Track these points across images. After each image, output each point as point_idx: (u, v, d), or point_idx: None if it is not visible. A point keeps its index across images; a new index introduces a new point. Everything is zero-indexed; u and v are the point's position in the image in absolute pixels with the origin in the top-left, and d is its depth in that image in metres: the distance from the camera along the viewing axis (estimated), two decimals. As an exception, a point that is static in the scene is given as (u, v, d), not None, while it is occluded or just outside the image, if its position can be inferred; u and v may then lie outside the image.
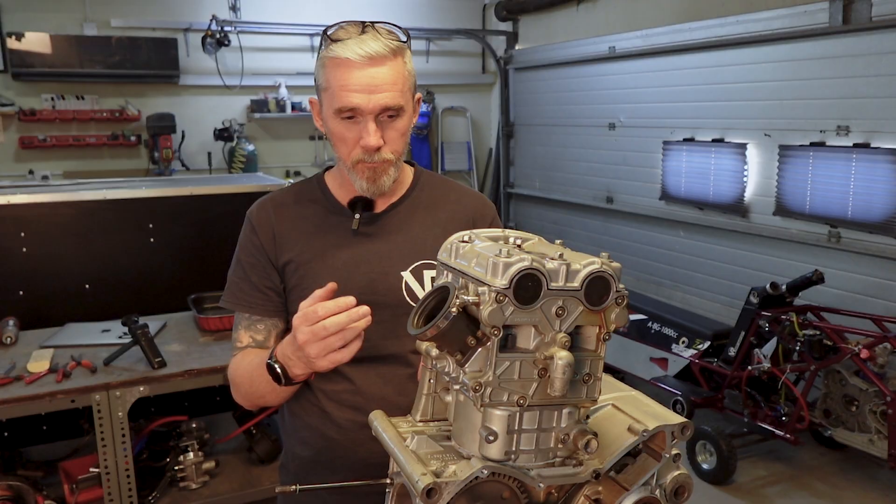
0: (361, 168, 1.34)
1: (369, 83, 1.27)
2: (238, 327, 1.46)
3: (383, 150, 1.33)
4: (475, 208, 1.51)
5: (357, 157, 1.33)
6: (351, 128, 1.32)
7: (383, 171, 1.35)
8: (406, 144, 1.39)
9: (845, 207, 3.96)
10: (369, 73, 1.27)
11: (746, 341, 3.74)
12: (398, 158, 1.37)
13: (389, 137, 1.33)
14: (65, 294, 2.94)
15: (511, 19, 6.90)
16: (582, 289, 0.81)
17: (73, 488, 2.44)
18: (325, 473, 1.43)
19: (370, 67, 1.27)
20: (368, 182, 1.35)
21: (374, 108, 1.28)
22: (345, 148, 1.34)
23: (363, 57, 1.26)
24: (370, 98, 1.27)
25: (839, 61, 3.94)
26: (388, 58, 1.29)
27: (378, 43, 1.28)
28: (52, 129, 5.72)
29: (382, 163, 1.34)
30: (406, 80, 1.33)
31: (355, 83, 1.27)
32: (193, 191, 3.15)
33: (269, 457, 2.75)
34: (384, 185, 1.36)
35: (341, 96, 1.29)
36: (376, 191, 1.37)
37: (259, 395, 1.37)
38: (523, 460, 0.85)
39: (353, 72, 1.27)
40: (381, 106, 1.29)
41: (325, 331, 1.10)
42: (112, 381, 2.27)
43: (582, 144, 6.03)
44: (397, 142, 1.35)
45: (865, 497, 3.51)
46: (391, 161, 1.35)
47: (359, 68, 1.27)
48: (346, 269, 1.39)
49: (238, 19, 6.08)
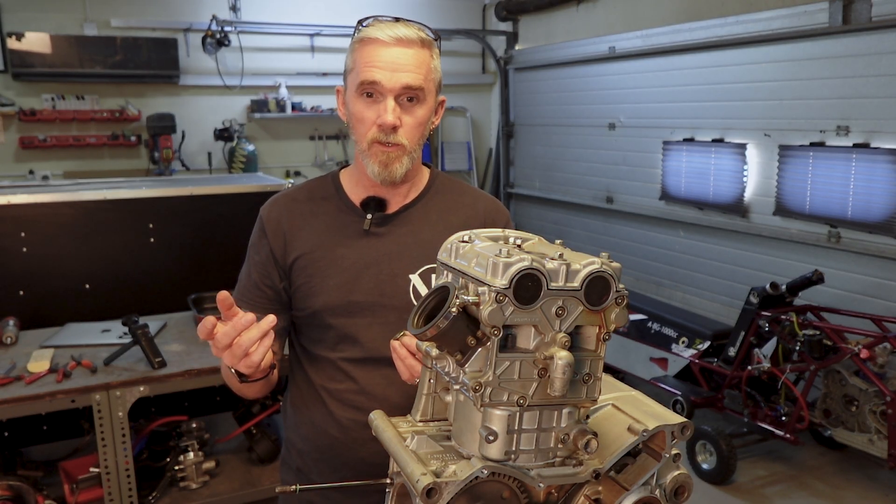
0: (376, 150, 1.34)
1: (394, 61, 1.30)
2: None
3: (399, 133, 1.33)
4: (488, 213, 1.50)
5: (373, 137, 1.34)
6: (370, 106, 1.33)
7: (396, 158, 1.35)
8: (422, 138, 1.38)
9: (845, 207, 3.96)
10: (395, 52, 1.30)
11: (746, 341, 3.74)
12: (412, 149, 1.36)
13: (406, 123, 1.33)
14: (65, 294, 2.94)
15: (511, 19, 6.90)
16: (582, 289, 0.81)
17: (74, 488, 2.44)
18: (326, 471, 1.44)
19: (397, 47, 1.30)
20: (381, 167, 1.35)
21: (395, 85, 1.30)
22: (362, 128, 1.35)
23: (392, 38, 1.30)
24: (392, 75, 1.30)
25: (839, 61, 3.94)
26: (416, 44, 1.32)
27: (409, 30, 1.32)
28: (53, 129, 5.72)
29: (396, 147, 1.34)
30: (430, 72, 1.35)
31: (380, 60, 1.30)
32: (193, 191, 3.16)
33: (269, 457, 2.75)
34: (396, 173, 1.36)
35: (365, 71, 1.31)
36: (388, 177, 1.36)
37: (236, 388, 1.38)
38: (523, 460, 0.85)
39: (379, 50, 1.31)
40: (402, 84, 1.30)
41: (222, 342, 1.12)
42: (112, 381, 2.27)
43: (582, 144, 6.03)
44: (413, 130, 1.35)
45: (865, 497, 3.51)
46: (405, 148, 1.35)
47: (385, 47, 1.30)
48: (355, 269, 1.39)
49: (238, 19, 6.08)
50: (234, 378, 1.27)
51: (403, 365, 1.17)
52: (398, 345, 1.17)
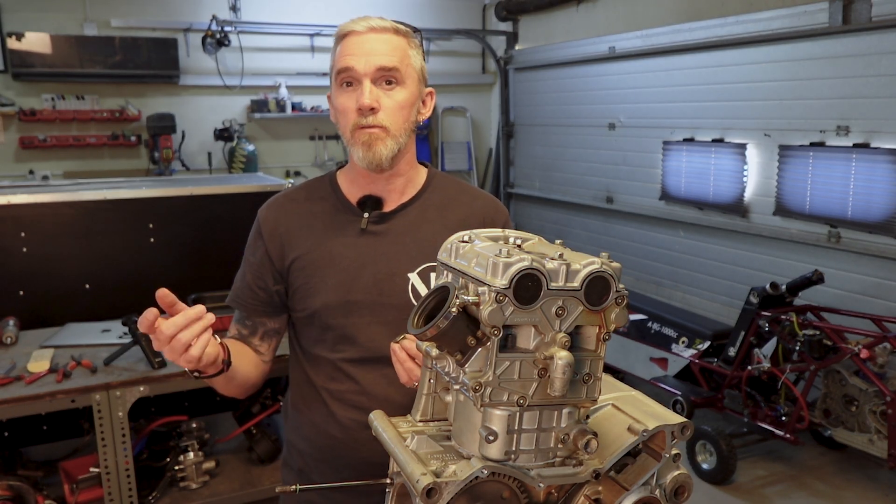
0: (358, 135, 1.35)
1: (368, 48, 1.33)
2: (234, 319, 1.51)
3: (379, 115, 1.34)
4: (486, 212, 1.50)
5: (354, 122, 1.35)
6: (350, 95, 1.35)
7: (379, 139, 1.34)
8: (406, 122, 1.38)
9: (845, 207, 3.96)
10: (368, 39, 1.34)
11: (746, 341, 3.74)
12: (397, 133, 1.36)
13: (385, 105, 1.34)
14: (65, 294, 2.94)
15: (511, 19, 6.90)
16: (582, 289, 0.81)
17: (74, 488, 2.44)
18: (327, 471, 1.44)
19: (370, 34, 1.34)
20: (364, 149, 1.35)
21: (369, 69, 1.32)
22: (345, 119, 1.37)
23: (365, 27, 1.34)
24: (367, 60, 1.32)
25: (839, 61, 3.94)
26: (389, 31, 1.35)
27: (384, 21, 1.36)
28: (53, 129, 5.72)
29: (378, 128, 1.34)
30: (406, 57, 1.36)
31: (354, 48, 1.33)
32: (193, 191, 3.15)
33: (269, 457, 2.75)
34: (381, 155, 1.35)
35: (340, 61, 1.34)
36: (373, 159, 1.35)
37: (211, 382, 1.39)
38: (523, 460, 0.85)
39: (353, 39, 1.34)
40: (376, 66, 1.32)
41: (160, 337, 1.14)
42: (112, 380, 2.27)
43: (582, 144, 6.03)
44: (395, 113, 1.35)
45: (865, 497, 3.51)
46: (386, 129, 1.34)
47: (358, 35, 1.34)
48: (353, 268, 1.39)
49: (238, 19, 6.08)
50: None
51: (402, 368, 1.17)
52: (398, 348, 1.17)
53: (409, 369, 1.16)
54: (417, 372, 1.15)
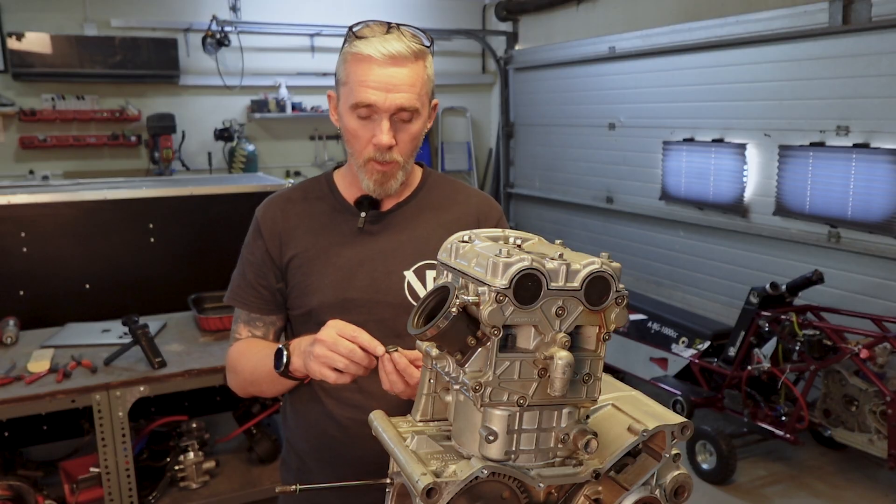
0: (371, 168, 1.36)
1: (388, 82, 1.29)
2: (237, 321, 1.49)
3: (394, 151, 1.34)
4: (481, 210, 1.51)
5: (368, 155, 1.35)
6: (365, 125, 1.33)
7: (391, 175, 1.37)
8: (416, 149, 1.40)
9: (845, 207, 3.96)
10: (389, 72, 1.29)
11: (746, 341, 3.74)
12: (407, 161, 1.38)
13: (401, 139, 1.34)
14: (65, 294, 2.94)
15: (511, 19, 6.90)
16: (582, 289, 0.81)
17: (74, 488, 2.44)
18: (326, 470, 1.44)
19: (390, 67, 1.29)
20: (376, 184, 1.37)
21: (390, 106, 1.30)
22: (357, 144, 1.36)
23: (385, 55, 1.28)
24: (387, 97, 1.29)
25: (839, 61, 3.94)
26: (410, 59, 1.30)
27: (401, 44, 1.29)
28: (53, 130, 5.72)
29: (392, 164, 1.35)
30: (424, 85, 1.34)
31: (374, 80, 1.29)
32: (193, 191, 3.16)
33: (269, 457, 2.75)
34: (391, 189, 1.39)
35: (359, 92, 1.30)
36: (382, 193, 1.39)
37: (257, 381, 1.39)
38: (523, 460, 0.85)
39: (373, 69, 1.29)
40: (397, 106, 1.30)
41: (337, 347, 1.16)
42: (112, 381, 2.27)
43: (582, 144, 6.03)
44: (408, 145, 1.36)
45: (865, 497, 3.51)
46: (399, 164, 1.36)
47: (379, 66, 1.29)
48: (350, 267, 1.40)
49: (238, 19, 6.08)
50: (268, 371, 1.30)
51: (386, 379, 1.18)
52: (387, 359, 1.17)
53: (393, 381, 1.17)
54: (400, 386, 1.16)
